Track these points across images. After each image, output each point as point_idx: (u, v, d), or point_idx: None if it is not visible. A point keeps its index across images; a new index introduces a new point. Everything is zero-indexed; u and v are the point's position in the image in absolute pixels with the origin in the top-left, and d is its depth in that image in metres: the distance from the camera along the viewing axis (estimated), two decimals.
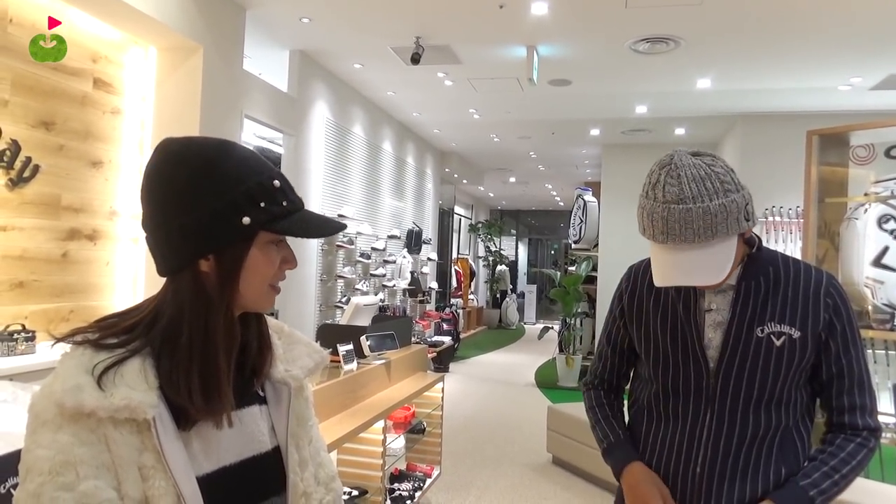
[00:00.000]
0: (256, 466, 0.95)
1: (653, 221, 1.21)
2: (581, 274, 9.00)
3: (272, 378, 1.01)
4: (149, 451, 0.82)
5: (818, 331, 1.31)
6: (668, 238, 1.20)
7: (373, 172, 7.72)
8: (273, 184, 0.90)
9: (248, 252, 0.89)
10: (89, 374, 0.81)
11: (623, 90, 6.79)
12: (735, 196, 1.20)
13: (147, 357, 0.85)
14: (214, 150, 0.90)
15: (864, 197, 3.65)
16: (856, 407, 1.32)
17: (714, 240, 1.19)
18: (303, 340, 1.09)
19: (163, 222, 0.88)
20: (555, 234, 20.74)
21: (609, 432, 1.49)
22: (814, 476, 1.28)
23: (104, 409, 0.79)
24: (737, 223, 1.21)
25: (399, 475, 3.89)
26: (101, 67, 3.85)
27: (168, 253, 0.89)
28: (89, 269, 3.85)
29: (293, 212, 0.92)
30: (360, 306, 3.94)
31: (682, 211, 1.18)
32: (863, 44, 5.10)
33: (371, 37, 5.38)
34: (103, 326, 0.88)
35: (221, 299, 0.89)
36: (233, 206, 0.86)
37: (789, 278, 1.34)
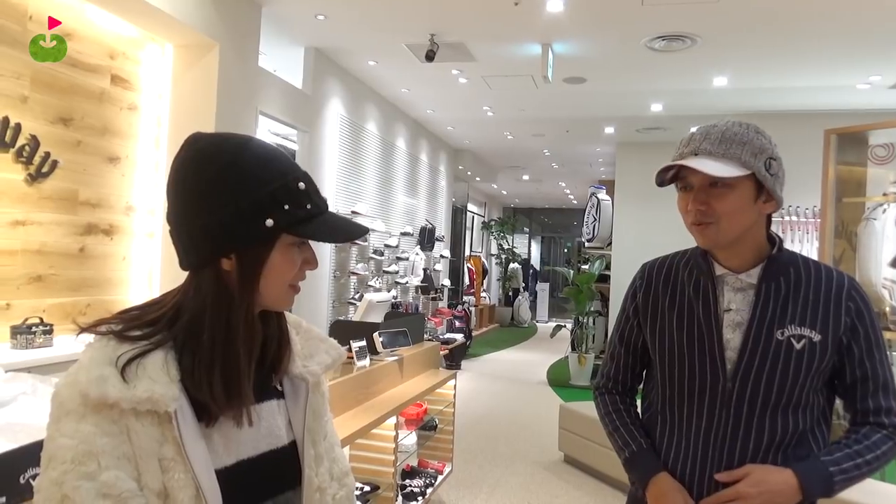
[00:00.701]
0: (273, 460, 0.96)
1: (678, 151, 1.29)
2: (594, 272, 8.96)
3: (290, 373, 1.02)
4: (169, 444, 0.83)
5: (839, 335, 1.29)
6: (687, 147, 1.27)
7: (386, 169, 7.73)
8: (298, 186, 0.90)
9: (270, 254, 0.89)
10: (113, 366, 0.82)
11: (638, 88, 6.74)
12: (763, 140, 1.26)
13: (170, 350, 0.86)
14: (241, 148, 0.90)
15: (883, 197, 3.61)
16: (881, 409, 1.30)
17: (728, 159, 1.23)
18: (320, 336, 1.10)
19: (187, 219, 0.88)
20: (568, 232, 20.66)
21: (630, 441, 1.44)
22: (836, 455, 1.26)
23: (127, 401, 0.80)
24: (753, 157, 1.23)
25: (411, 471, 3.90)
26: (118, 64, 3.89)
27: (190, 249, 0.89)
28: (106, 263, 3.89)
29: (317, 215, 0.91)
30: (373, 303, 3.95)
31: (708, 128, 1.27)
32: (882, 41, 5.03)
33: (386, 34, 5.39)
34: (126, 318, 0.89)
35: (242, 298, 0.89)
36: (257, 208, 0.87)
37: (810, 280, 1.32)
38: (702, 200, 1.26)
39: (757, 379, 1.29)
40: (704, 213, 1.26)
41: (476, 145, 10.65)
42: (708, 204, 1.25)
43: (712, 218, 1.26)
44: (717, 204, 1.25)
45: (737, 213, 1.25)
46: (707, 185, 1.26)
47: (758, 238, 1.32)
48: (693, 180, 1.27)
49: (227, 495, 0.86)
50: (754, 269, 1.33)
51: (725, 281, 1.35)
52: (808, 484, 1.23)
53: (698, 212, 1.26)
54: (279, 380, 1.01)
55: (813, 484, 1.24)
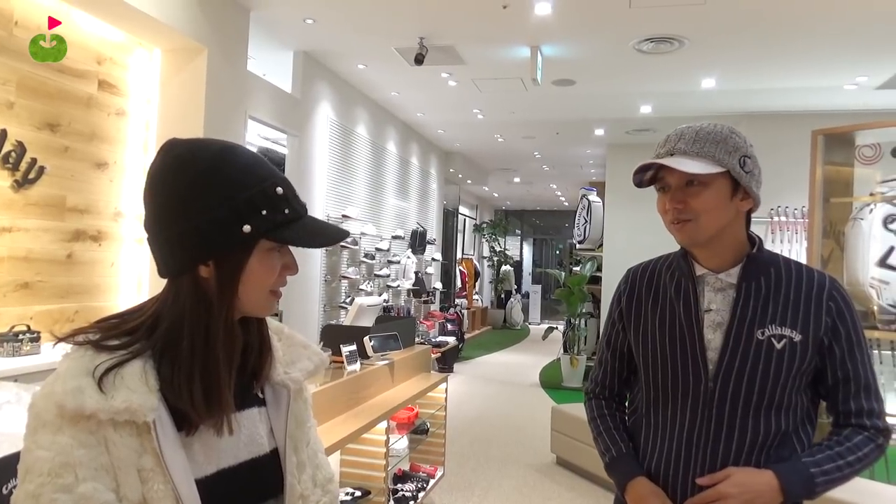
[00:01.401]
0: (255, 469, 0.95)
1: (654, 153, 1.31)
2: (586, 274, 8.98)
3: (272, 380, 1.01)
4: (148, 454, 0.82)
5: (820, 335, 1.29)
6: (663, 148, 1.30)
7: (377, 173, 7.72)
8: (276, 190, 0.89)
9: (248, 259, 0.89)
10: (90, 376, 0.81)
11: (627, 90, 6.77)
12: (738, 140, 1.28)
13: (148, 360, 0.85)
14: (218, 154, 0.89)
15: (870, 197, 3.64)
16: (863, 411, 1.29)
17: (702, 158, 1.25)
18: (303, 343, 1.09)
19: (164, 226, 0.88)
20: (559, 234, 20.71)
21: (611, 445, 1.46)
22: (817, 456, 1.26)
23: (104, 412, 0.79)
24: (727, 156, 1.26)
25: (402, 476, 3.89)
26: (105, 69, 3.87)
27: (168, 257, 0.88)
28: (94, 270, 3.86)
29: (295, 219, 0.91)
30: (364, 307, 3.95)
31: (683, 129, 1.30)
32: (869, 42, 5.07)
33: (375, 37, 5.38)
34: (104, 327, 0.88)
35: (221, 305, 0.88)
36: (234, 214, 0.86)
37: (791, 280, 1.32)
38: (679, 199, 1.28)
39: (738, 379, 1.29)
40: (682, 211, 1.28)
41: (467, 148, 10.67)
42: (685, 202, 1.27)
43: (690, 215, 1.27)
44: (694, 202, 1.27)
45: (714, 210, 1.26)
46: (684, 185, 1.28)
47: (737, 237, 1.33)
48: (670, 180, 1.29)
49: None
50: (734, 269, 1.33)
51: (706, 281, 1.35)
52: (788, 485, 1.23)
53: (676, 210, 1.28)
54: (260, 387, 1.00)
55: (794, 485, 1.24)
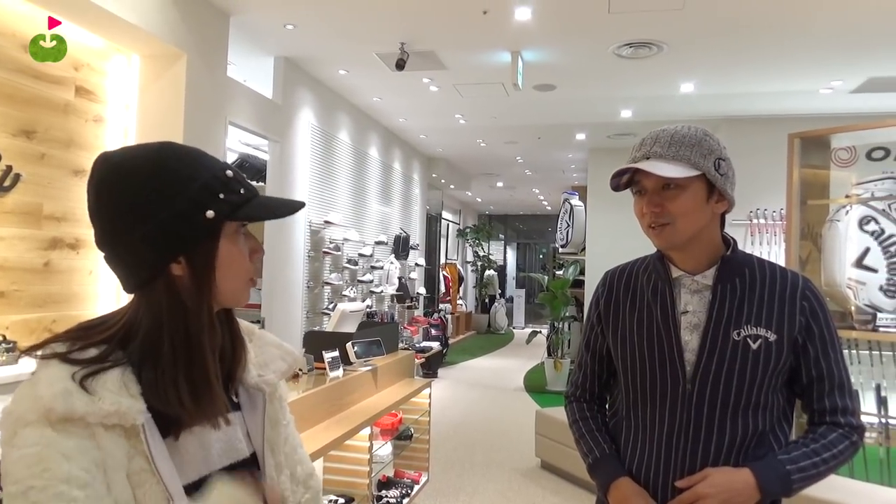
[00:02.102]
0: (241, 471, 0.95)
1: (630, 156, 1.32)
2: (569, 278, 9.02)
3: (246, 384, 1.00)
4: (139, 457, 0.81)
5: (794, 334, 1.31)
6: (638, 152, 1.30)
7: (359, 178, 7.71)
8: (226, 174, 0.90)
9: (218, 247, 0.88)
10: (72, 381, 0.79)
11: (608, 95, 6.82)
12: (711, 142, 1.29)
13: (126, 368, 0.84)
14: (158, 152, 0.88)
15: (846, 199, 3.69)
16: (837, 409, 1.31)
17: (679, 161, 1.26)
18: (274, 342, 1.09)
19: (122, 237, 0.86)
20: (543, 238, 20.77)
21: (594, 447, 1.47)
22: (793, 454, 1.28)
23: (94, 415, 0.78)
24: (703, 159, 1.27)
25: (387, 482, 3.88)
26: (83, 76, 3.83)
27: (135, 265, 0.87)
28: (72, 278, 3.81)
29: (252, 198, 0.92)
30: (347, 313, 3.93)
31: (658, 132, 1.31)
32: (843, 47, 5.16)
33: (356, 43, 5.38)
34: (73, 338, 0.86)
35: (201, 300, 0.88)
36: (193, 203, 0.86)
37: (765, 281, 1.34)
38: (656, 203, 1.29)
39: (716, 379, 1.31)
40: (659, 215, 1.29)
41: (449, 153, 10.68)
42: (662, 206, 1.29)
43: (667, 219, 1.29)
44: (671, 205, 1.28)
45: (690, 212, 1.28)
46: (660, 188, 1.29)
47: (712, 239, 1.34)
48: (646, 184, 1.31)
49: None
50: (709, 271, 1.35)
51: (682, 283, 1.37)
52: (765, 483, 1.24)
53: (653, 213, 1.30)
54: (235, 390, 0.99)
55: (770, 482, 1.25)
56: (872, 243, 3.49)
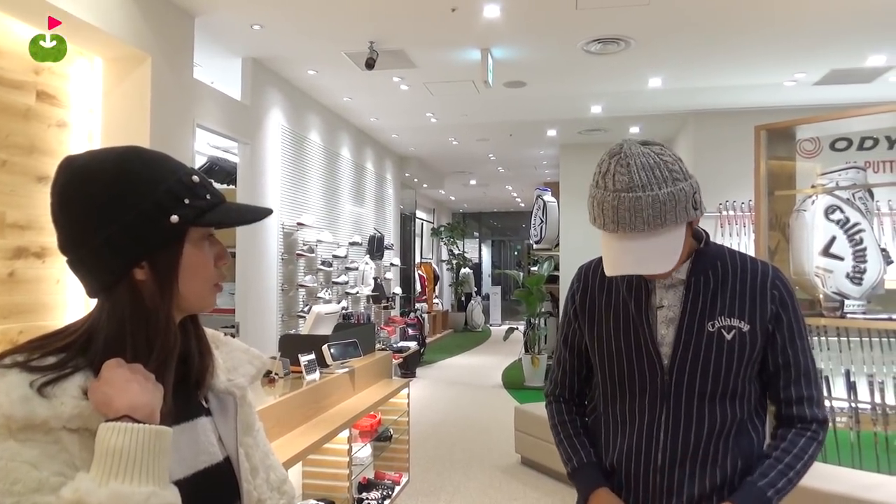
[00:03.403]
0: (209, 478, 0.94)
1: (603, 211, 1.23)
2: (543, 274, 9.07)
3: (215, 389, 0.99)
4: None
5: (766, 323, 1.34)
6: (618, 226, 1.22)
7: (331, 179, 7.65)
8: (192, 179, 0.89)
9: (182, 251, 0.87)
10: (30, 388, 0.77)
11: (578, 91, 6.87)
12: (683, 185, 1.23)
13: (88, 373, 0.82)
14: (123, 155, 0.88)
15: (812, 189, 3.76)
16: (803, 398, 1.34)
17: (663, 228, 1.21)
18: (241, 347, 1.08)
19: (86, 239, 0.84)
20: (517, 235, 20.87)
21: (573, 455, 1.48)
22: (770, 475, 1.31)
23: (57, 419, 0.76)
24: (685, 212, 1.23)
25: (367, 484, 3.86)
26: (44, 79, 3.73)
27: (98, 269, 0.85)
28: (39, 287, 3.72)
29: (217, 204, 0.91)
30: (322, 315, 3.90)
31: (632, 199, 1.19)
32: (805, 40, 5.26)
33: (324, 43, 5.34)
34: (31, 349, 0.84)
35: (163, 305, 0.86)
36: (158, 207, 0.84)
37: (737, 272, 1.36)
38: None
39: (692, 370, 1.33)
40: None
41: (422, 152, 10.66)
42: None
43: None
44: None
45: (678, 249, 1.26)
46: None
47: (687, 244, 1.34)
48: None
49: None
50: (683, 266, 1.36)
51: (657, 279, 1.38)
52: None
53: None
54: (204, 395, 0.99)
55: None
56: (838, 232, 3.56)
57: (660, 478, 1.34)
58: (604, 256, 1.29)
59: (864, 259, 3.50)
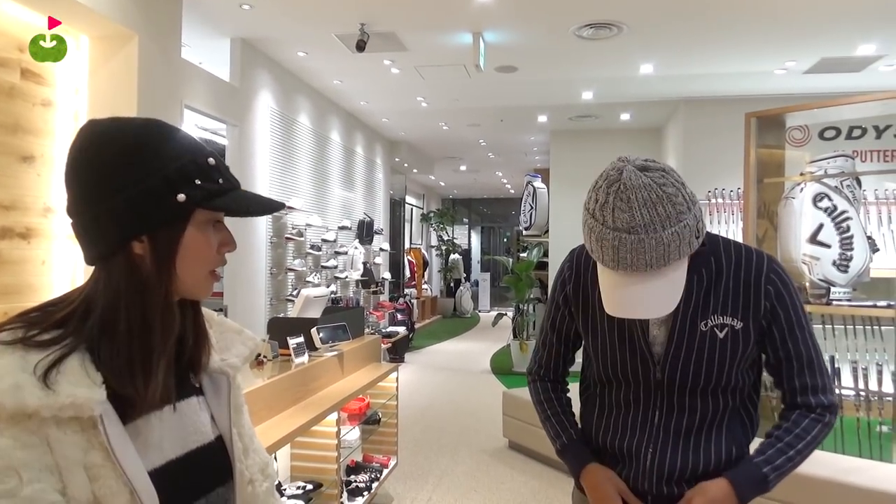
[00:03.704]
0: (201, 458, 0.93)
1: (602, 247, 1.15)
2: (532, 260, 9.08)
3: (209, 369, 0.99)
4: (96, 450, 0.78)
5: (760, 319, 1.32)
6: (618, 265, 1.15)
7: (321, 163, 7.61)
8: (208, 161, 0.87)
9: (185, 232, 0.86)
10: (27, 373, 0.76)
11: (569, 76, 6.84)
12: (687, 219, 1.14)
13: (85, 353, 0.81)
14: (145, 126, 0.86)
15: (800, 177, 3.78)
16: (807, 387, 1.33)
17: (667, 267, 1.15)
18: (234, 328, 1.07)
19: (90, 205, 0.83)
20: (507, 221, 20.88)
21: (561, 432, 1.49)
22: (768, 452, 1.30)
23: (48, 408, 0.75)
24: (689, 247, 1.17)
25: (355, 467, 3.87)
26: (28, 57, 3.65)
27: (97, 237, 0.84)
28: (24, 268, 3.68)
29: (230, 190, 0.89)
30: (311, 298, 3.89)
31: (635, 241, 1.11)
32: (796, 28, 5.26)
33: (315, 24, 5.28)
34: (29, 322, 0.83)
35: (159, 283, 0.85)
36: (166, 184, 0.83)
37: (731, 268, 1.33)
38: None
39: (684, 369, 1.33)
40: None
41: (412, 137, 10.61)
42: None
43: None
44: None
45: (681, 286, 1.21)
46: None
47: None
48: None
49: (162, 496, 0.83)
50: None
51: None
52: (740, 489, 1.28)
53: None
54: (198, 376, 0.98)
55: (745, 488, 1.29)
56: (826, 219, 3.58)
57: (651, 457, 1.36)
58: (603, 292, 1.22)
59: (851, 247, 3.53)
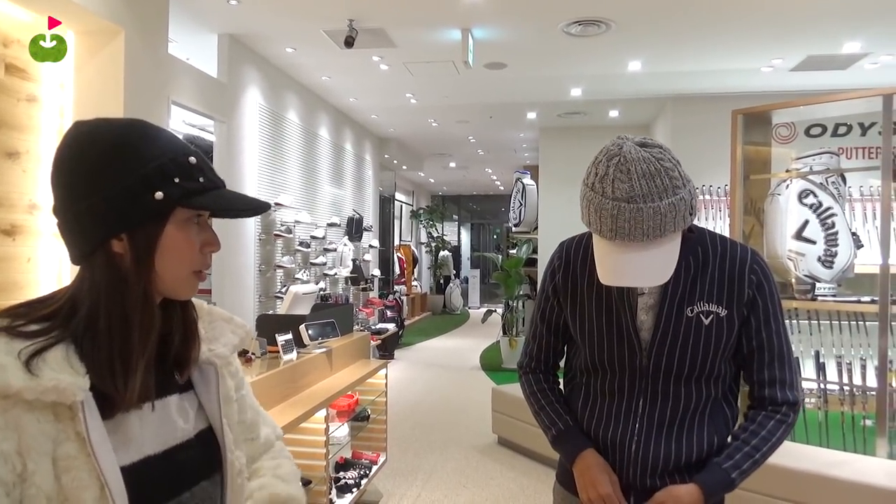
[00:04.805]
0: (182, 454, 0.93)
1: (601, 217, 1.19)
2: (522, 257, 9.10)
3: (198, 360, 0.98)
4: (70, 441, 0.78)
5: (742, 307, 1.35)
6: (616, 235, 1.18)
7: (310, 159, 7.58)
8: (189, 160, 0.87)
9: (163, 231, 0.86)
10: (12, 356, 0.76)
11: (558, 73, 6.86)
12: (683, 193, 1.19)
13: (70, 345, 0.82)
14: (126, 127, 0.87)
15: (786, 173, 3.80)
16: (776, 381, 1.37)
17: (662, 238, 1.19)
18: (224, 316, 1.07)
19: (72, 204, 0.85)
20: (496, 218, 20.89)
21: (556, 419, 1.50)
22: (735, 457, 1.34)
23: (31, 391, 0.75)
24: (683, 221, 1.21)
25: (344, 463, 3.87)
26: (13, 52, 3.63)
27: (79, 236, 0.85)
28: (9, 266, 3.64)
29: (211, 188, 0.89)
30: (299, 295, 3.88)
31: (633, 210, 1.15)
32: (782, 26, 5.29)
33: (303, 19, 5.26)
34: (15, 314, 0.83)
35: (137, 281, 0.85)
36: (145, 182, 0.84)
37: (716, 257, 1.37)
38: None
39: (670, 354, 1.36)
40: None
41: (401, 133, 10.60)
42: None
43: None
44: None
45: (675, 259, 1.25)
46: None
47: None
48: None
49: (135, 493, 0.82)
50: None
51: None
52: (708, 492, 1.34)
53: None
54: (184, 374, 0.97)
55: (713, 492, 1.35)
56: (811, 216, 3.61)
57: (636, 448, 1.38)
58: (598, 262, 1.26)
59: (836, 243, 3.56)
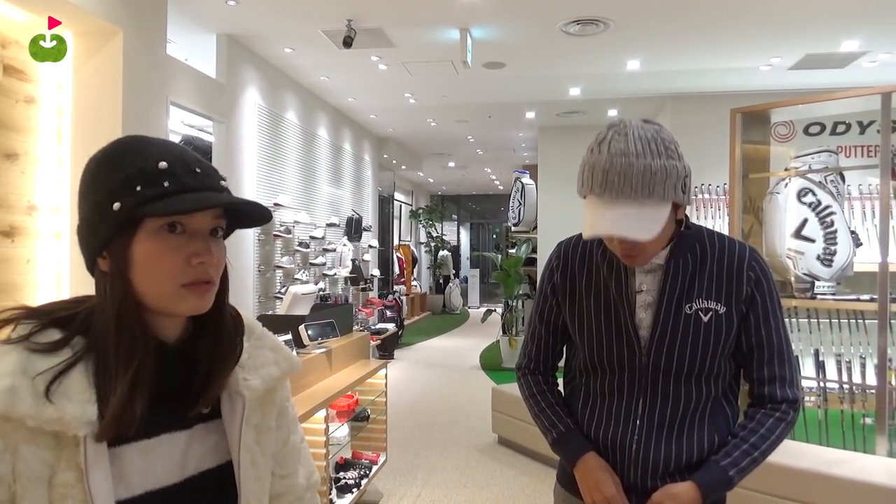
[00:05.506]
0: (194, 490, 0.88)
1: (593, 174, 1.23)
2: (521, 256, 9.10)
3: (229, 388, 0.93)
4: (70, 470, 0.76)
5: (741, 304, 1.35)
6: (605, 190, 1.22)
7: (309, 160, 7.58)
8: (158, 166, 0.81)
9: (131, 243, 0.82)
10: (25, 377, 0.75)
11: (556, 72, 6.85)
12: (677, 163, 1.24)
13: (89, 361, 0.80)
14: (113, 144, 0.86)
15: (785, 172, 3.81)
16: (775, 378, 1.36)
17: (650, 200, 1.21)
18: (273, 345, 1.01)
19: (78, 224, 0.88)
20: (495, 217, 20.88)
21: (557, 422, 1.49)
22: (734, 455, 1.34)
23: (33, 419, 0.73)
24: (673, 190, 1.23)
25: (344, 464, 3.86)
26: (11, 53, 3.63)
27: (83, 254, 0.87)
28: (8, 267, 3.64)
29: (178, 192, 0.81)
30: (299, 295, 3.88)
31: (625, 164, 1.20)
32: (781, 25, 5.29)
33: (301, 20, 5.26)
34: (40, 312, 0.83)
35: (112, 299, 0.82)
36: (108, 196, 0.81)
37: (714, 254, 1.37)
38: (627, 244, 1.29)
39: (669, 352, 1.35)
40: (632, 249, 1.30)
41: (400, 133, 10.59)
42: (634, 244, 1.28)
43: (640, 251, 1.31)
44: (644, 243, 1.28)
45: (659, 238, 1.27)
46: None
47: (669, 226, 1.34)
48: None
49: None
50: (663, 252, 1.37)
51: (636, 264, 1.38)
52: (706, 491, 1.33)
53: (626, 248, 1.30)
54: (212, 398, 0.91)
55: (712, 491, 1.34)
56: (810, 214, 3.61)
57: (636, 449, 1.37)
58: (585, 219, 1.28)
59: (835, 241, 3.57)
